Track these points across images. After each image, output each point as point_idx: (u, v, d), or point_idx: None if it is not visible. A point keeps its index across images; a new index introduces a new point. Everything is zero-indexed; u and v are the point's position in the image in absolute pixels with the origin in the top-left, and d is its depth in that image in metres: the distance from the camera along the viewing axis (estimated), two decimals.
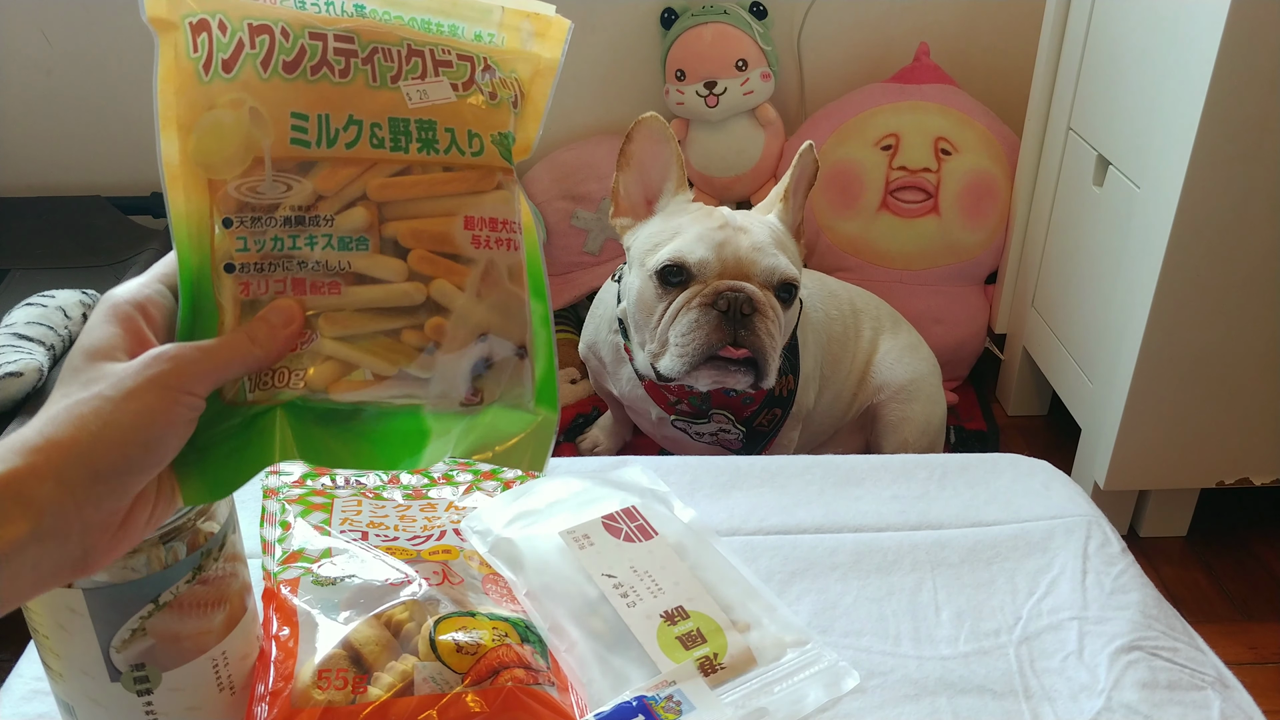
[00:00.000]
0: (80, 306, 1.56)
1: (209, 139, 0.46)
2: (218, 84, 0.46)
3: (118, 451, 0.42)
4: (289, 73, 0.46)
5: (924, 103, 1.90)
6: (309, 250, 0.47)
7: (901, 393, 1.51)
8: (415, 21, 0.49)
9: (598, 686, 0.66)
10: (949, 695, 0.70)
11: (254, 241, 0.47)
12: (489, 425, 0.52)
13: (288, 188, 0.47)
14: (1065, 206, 1.74)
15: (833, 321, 1.51)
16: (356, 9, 0.48)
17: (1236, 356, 1.45)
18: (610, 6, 1.96)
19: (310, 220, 0.47)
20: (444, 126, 0.48)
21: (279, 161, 0.47)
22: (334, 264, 0.48)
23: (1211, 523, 1.67)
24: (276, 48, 0.46)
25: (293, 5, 0.47)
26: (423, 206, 0.49)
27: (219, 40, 0.46)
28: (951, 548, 0.82)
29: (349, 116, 0.47)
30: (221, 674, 0.58)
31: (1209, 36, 1.26)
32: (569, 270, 1.99)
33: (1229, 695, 0.70)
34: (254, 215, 0.47)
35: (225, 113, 0.46)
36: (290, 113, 0.46)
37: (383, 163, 0.48)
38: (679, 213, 1.27)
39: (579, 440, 1.73)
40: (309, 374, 0.48)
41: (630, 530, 0.78)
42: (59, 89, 1.96)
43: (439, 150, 0.48)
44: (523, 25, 0.52)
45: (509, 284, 0.50)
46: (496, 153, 0.50)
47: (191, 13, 0.47)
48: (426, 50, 0.48)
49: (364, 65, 0.47)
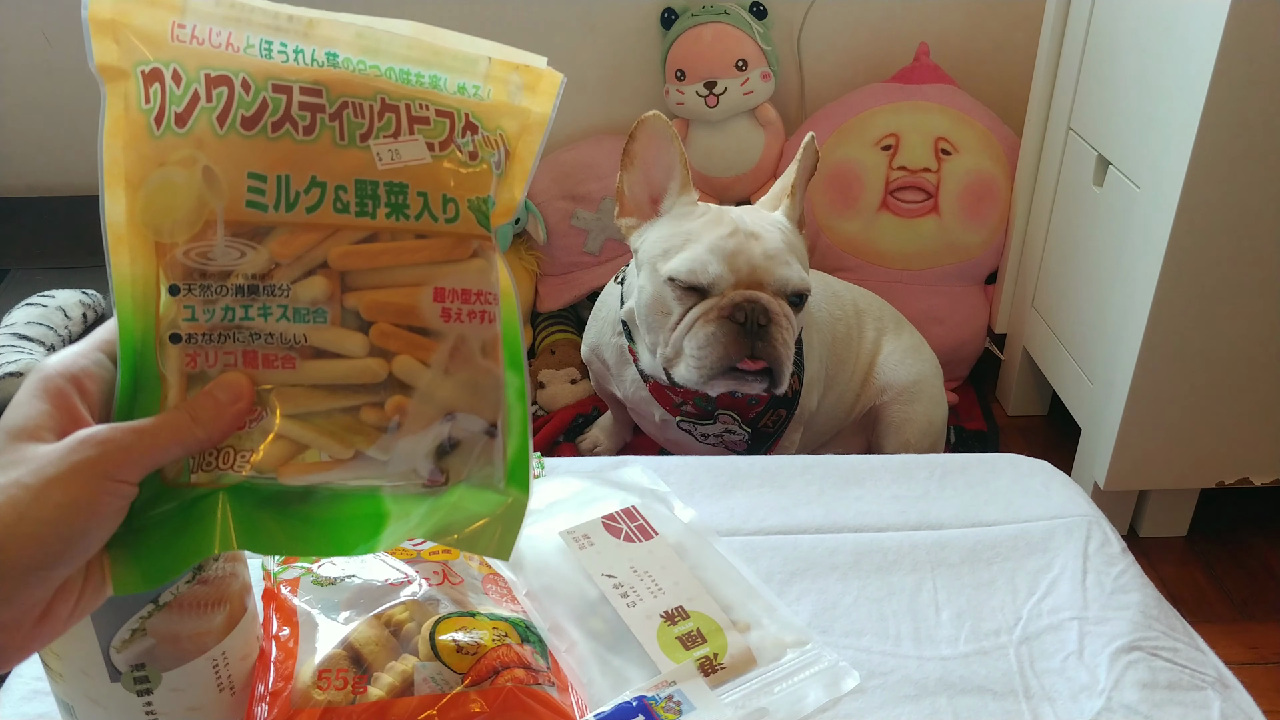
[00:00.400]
0: (80, 306, 1.56)
1: (158, 199, 0.43)
2: (170, 139, 0.43)
3: (34, 546, 0.39)
4: (248, 129, 0.43)
5: (924, 103, 1.90)
6: (262, 321, 0.44)
7: (904, 394, 1.51)
8: (393, 72, 0.45)
9: (598, 686, 0.66)
10: (949, 695, 0.70)
11: (203, 310, 0.44)
12: (454, 506, 0.48)
13: (241, 254, 0.43)
14: (1065, 206, 1.74)
15: (836, 322, 1.51)
16: (329, 58, 0.44)
17: (1236, 356, 1.45)
18: (610, 6, 1.96)
19: (265, 289, 0.44)
20: (416, 190, 0.45)
21: (233, 225, 0.43)
22: (289, 336, 0.44)
23: (1211, 523, 1.67)
24: (235, 101, 0.43)
25: (258, 53, 0.43)
26: (389, 276, 0.45)
27: (172, 92, 0.43)
28: (951, 548, 0.82)
29: (311, 178, 0.43)
30: (221, 674, 0.58)
31: (1209, 36, 1.26)
32: (569, 270, 1.99)
33: (1229, 695, 0.70)
34: (203, 283, 0.44)
35: (177, 171, 0.43)
36: (247, 173, 0.43)
37: (347, 229, 0.44)
38: (687, 215, 1.27)
39: (579, 440, 1.73)
40: (257, 454, 0.44)
41: (630, 530, 0.78)
42: (59, 90, 1.96)
43: (410, 216, 0.45)
44: (511, 78, 0.47)
45: (481, 359, 0.47)
46: (474, 219, 0.46)
47: (144, 61, 0.43)
48: (402, 105, 0.45)
49: (331, 122, 0.44)
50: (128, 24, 0.43)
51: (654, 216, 1.28)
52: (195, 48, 0.43)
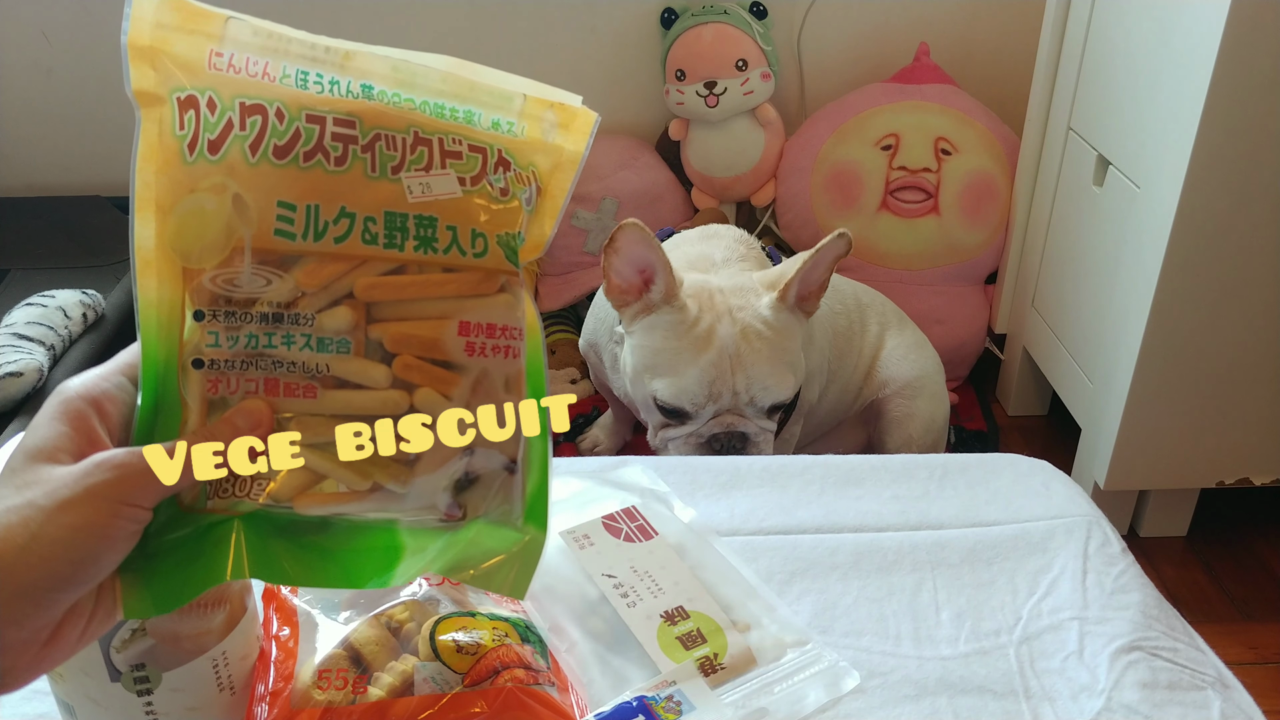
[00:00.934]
0: (80, 306, 1.56)
1: (188, 225, 0.43)
2: (202, 165, 0.43)
3: (44, 567, 0.38)
4: (280, 158, 0.43)
5: (924, 103, 1.90)
6: (286, 350, 0.44)
7: (907, 389, 1.52)
8: (427, 105, 0.45)
9: (598, 686, 0.66)
10: (949, 695, 0.69)
11: (227, 337, 0.44)
12: (470, 542, 0.48)
13: (267, 282, 0.43)
14: (1065, 206, 1.74)
15: (837, 316, 1.52)
16: (364, 90, 0.44)
17: (1236, 356, 1.45)
18: (610, 6, 1.96)
19: (289, 318, 0.44)
20: (445, 224, 0.45)
21: (260, 253, 0.43)
22: (311, 366, 0.44)
23: (1211, 523, 1.67)
24: (269, 130, 0.43)
25: (294, 84, 0.44)
26: (414, 308, 0.45)
27: (206, 119, 0.43)
28: (951, 548, 0.82)
29: (341, 208, 0.43)
30: (222, 674, 0.58)
31: (1209, 36, 1.26)
32: (569, 270, 2.00)
33: (1229, 695, 0.70)
34: (229, 310, 0.44)
35: (207, 197, 0.43)
36: (277, 201, 0.43)
37: (374, 260, 0.44)
38: (676, 326, 1.22)
39: (579, 440, 1.73)
40: (274, 483, 0.44)
41: (630, 530, 0.78)
42: (59, 89, 1.96)
43: (438, 250, 0.44)
44: (546, 115, 0.47)
45: (503, 394, 0.46)
46: (502, 255, 0.46)
47: (180, 88, 0.43)
48: (435, 139, 0.45)
49: (363, 153, 0.44)
50: (166, 51, 0.43)
51: (645, 294, 1.23)
52: (232, 76, 0.43)
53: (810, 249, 1.24)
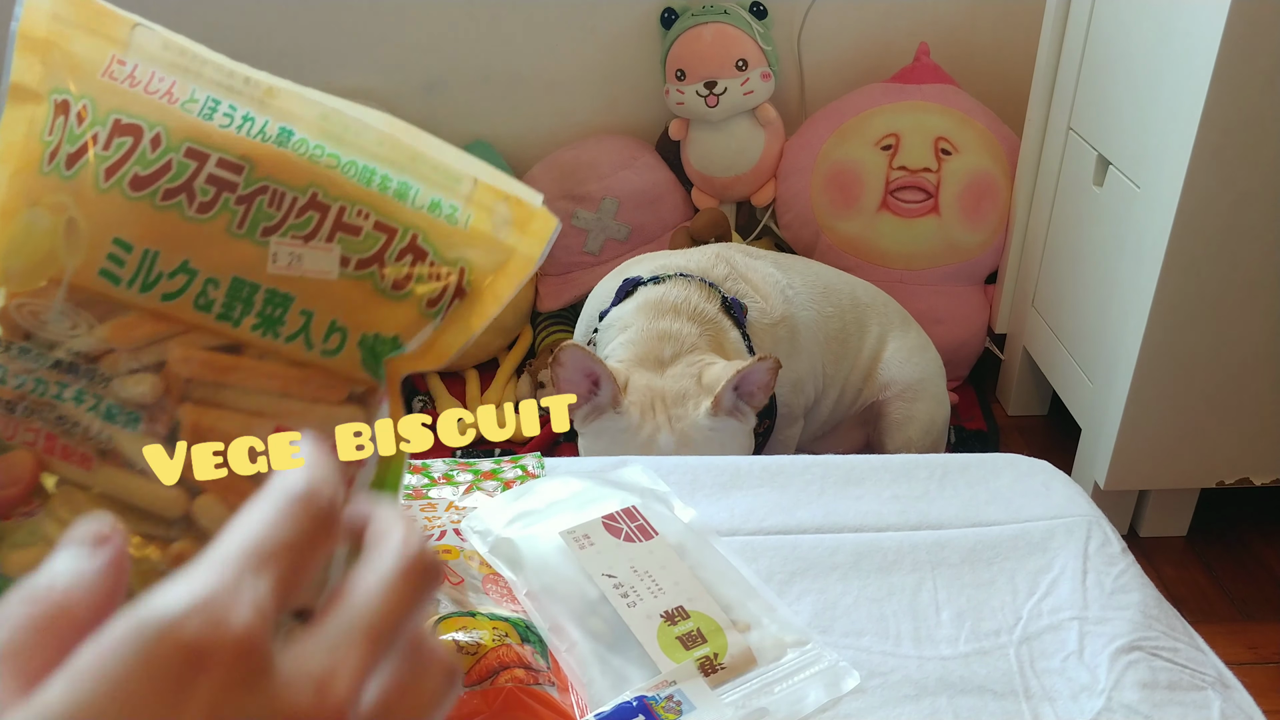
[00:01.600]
0: None
1: (15, 240, 0.38)
2: (54, 179, 0.37)
3: None
4: (135, 190, 0.37)
5: (924, 103, 1.90)
6: (74, 407, 0.37)
7: (908, 391, 1.52)
8: (352, 167, 0.38)
9: (598, 686, 0.66)
10: (949, 695, 0.69)
11: (14, 375, 0.37)
12: None
13: (73, 325, 0.37)
14: (1065, 206, 1.74)
15: (829, 320, 1.51)
16: (281, 133, 0.38)
17: (1236, 356, 1.45)
18: (610, 6, 1.96)
19: (85, 372, 0.37)
20: (301, 308, 0.37)
21: (78, 290, 0.37)
22: (94, 433, 0.37)
23: (1211, 523, 1.67)
24: (134, 156, 0.37)
25: (198, 111, 0.38)
26: (232, 397, 0.37)
27: (72, 130, 0.38)
28: (951, 548, 0.82)
29: (184, 262, 0.37)
30: None
31: (1209, 36, 1.26)
32: (569, 270, 2.00)
33: (1229, 695, 0.70)
34: (24, 344, 0.37)
35: (43, 214, 0.37)
36: (113, 238, 0.37)
37: (202, 330, 0.37)
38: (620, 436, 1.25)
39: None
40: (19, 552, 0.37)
41: (630, 530, 0.77)
42: None
43: (279, 335, 0.37)
44: (498, 207, 0.39)
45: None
46: (358, 359, 0.38)
47: (62, 90, 0.38)
48: (336, 206, 0.37)
49: (237, 205, 0.37)
50: (62, 47, 0.38)
51: (594, 396, 1.26)
52: (125, 89, 0.38)
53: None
